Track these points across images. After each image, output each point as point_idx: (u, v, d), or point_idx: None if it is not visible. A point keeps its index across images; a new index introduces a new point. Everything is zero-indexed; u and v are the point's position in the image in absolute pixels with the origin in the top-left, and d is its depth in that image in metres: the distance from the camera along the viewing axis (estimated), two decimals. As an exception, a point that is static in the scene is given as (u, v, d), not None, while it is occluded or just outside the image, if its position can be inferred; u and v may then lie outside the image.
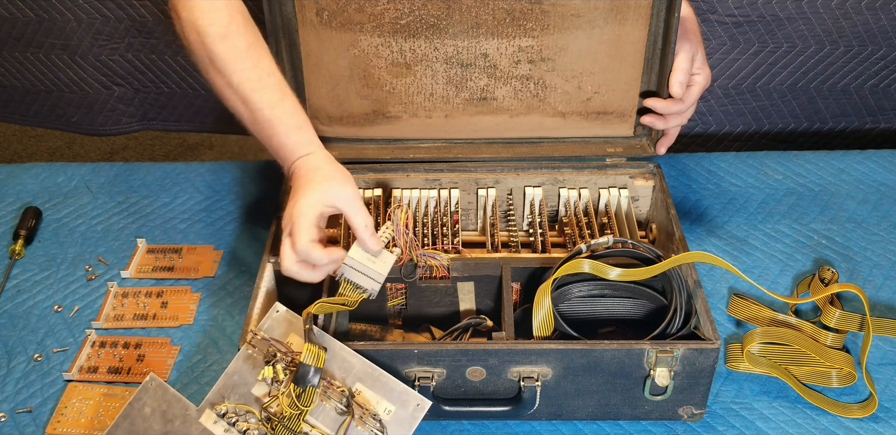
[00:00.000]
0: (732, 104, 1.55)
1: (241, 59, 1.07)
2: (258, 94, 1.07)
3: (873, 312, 1.18)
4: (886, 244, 1.29)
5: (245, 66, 1.07)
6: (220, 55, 1.06)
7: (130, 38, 1.51)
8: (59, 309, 1.22)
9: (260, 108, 1.07)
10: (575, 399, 1.03)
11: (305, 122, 1.09)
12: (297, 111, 1.09)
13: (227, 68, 1.06)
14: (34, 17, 1.49)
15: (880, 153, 1.46)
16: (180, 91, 1.58)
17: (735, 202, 1.37)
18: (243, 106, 1.08)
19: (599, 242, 1.10)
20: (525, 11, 1.16)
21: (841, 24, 1.44)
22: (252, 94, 1.07)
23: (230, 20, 1.06)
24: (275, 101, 1.08)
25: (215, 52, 1.06)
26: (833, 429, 1.05)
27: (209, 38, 1.06)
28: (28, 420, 1.08)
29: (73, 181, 1.44)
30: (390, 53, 1.20)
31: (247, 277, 1.26)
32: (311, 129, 1.10)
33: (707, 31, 1.44)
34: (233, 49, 1.06)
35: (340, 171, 1.07)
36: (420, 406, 0.95)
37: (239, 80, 1.06)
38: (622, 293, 1.10)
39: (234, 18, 1.07)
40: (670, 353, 0.97)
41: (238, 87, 1.07)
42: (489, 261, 1.13)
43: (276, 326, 1.01)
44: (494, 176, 1.27)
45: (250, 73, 1.07)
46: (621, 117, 1.26)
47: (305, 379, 0.93)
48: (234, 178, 1.44)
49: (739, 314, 1.18)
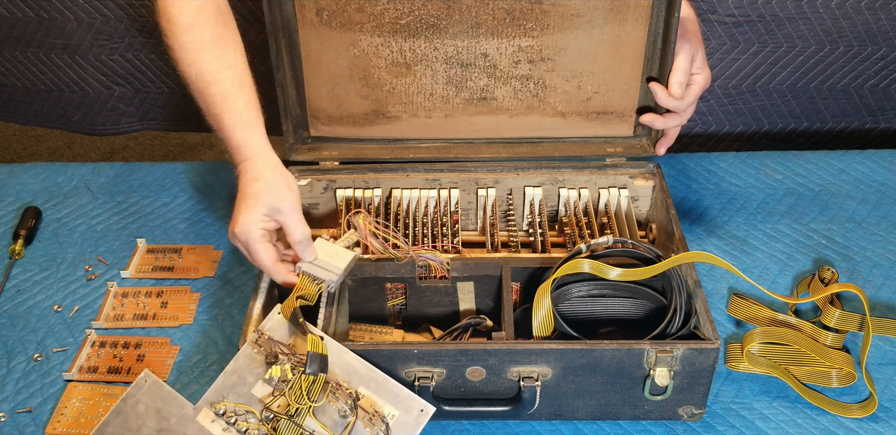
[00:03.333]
0: (732, 104, 1.55)
1: (205, 51, 1.06)
2: (213, 86, 1.06)
3: (873, 312, 1.18)
4: (886, 244, 1.29)
5: (207, 58, 1.06)
6: (185, 45, 1.06)
7: (130, 38, 1.51)
8: (59, 309, 1.22)
9: (213, 102, 1.06)
10: (575, 399, 1.03)
11: (257, 119, 1.08)
12: (250, 108, 1.07)
13: (189, 58, 1.06)
14: (34, 17, 1.49)
15: (880, 153, 1.46)
16: (180, 91, 1.58)
17: (735, 202, 1.37)
18: (199, 97, 1.07)
19: (599, 242, 1.10)
20: (525, 11, 1.16)
21: (841, 24, 1.44)
22: (207, 86, 1.06)
23: (199, 10, 1.06)
24: (229, 94, 1.06)
25: (181, 42, 1.06)
26: (833, 429, 1.05)
27: (176, 26, 1.06)
28: (28, 420, 1.08)
29: (73, 181, 1.44)
30: (390, 53, 1.20)
31: (247, 277, 1.26)
32: (260, 128, 1.08)
33: (707, 31, 1.44)
34: (197, 40, 1.06)
35: (280, 180, 1.06)
36: (424, 412, 0.95)
37: (198, 71, 1.06)
38: (622, 293, 1.10)
39: (203, 8, 1.06)
40: (670, 353, 0.97)
41: (196, 79, 1.06)
42: (489, 261, 1.13)
43: (278, 327, 1.01)
44: (494, 176, 1.27)
45: (210, 65, 1.06)
46: (621, 117, 1.26)
47: (316, 365, 0.94)
48: (234, 178, 1.43)
49: (739, 314, 1.18)
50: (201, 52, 1.06)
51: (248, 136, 1.07)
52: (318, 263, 1.05)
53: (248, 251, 1.04)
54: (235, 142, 1.07)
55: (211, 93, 1.06)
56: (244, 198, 1.05)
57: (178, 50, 1.07)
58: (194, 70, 1.06)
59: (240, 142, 1.07)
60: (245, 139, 1.07)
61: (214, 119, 1.08)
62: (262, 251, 1.03)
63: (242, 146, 1.07)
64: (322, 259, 1.05)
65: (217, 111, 1.07)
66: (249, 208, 1.04)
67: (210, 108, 1.07)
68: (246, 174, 1.06)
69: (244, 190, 1.05)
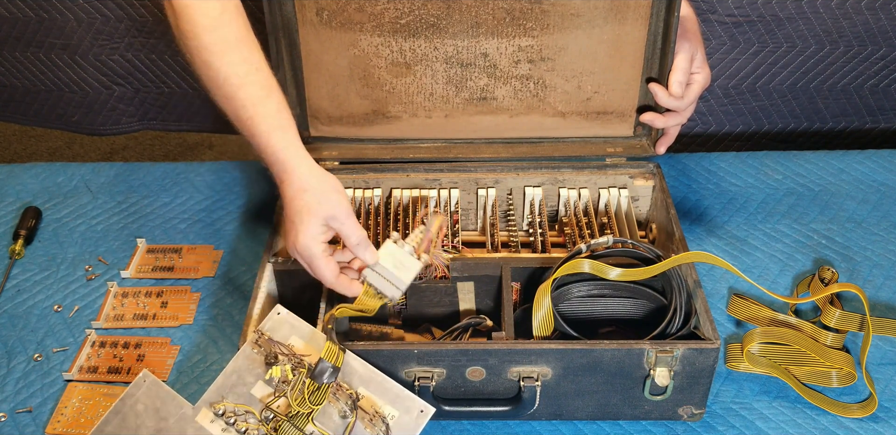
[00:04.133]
0: (732, 104, 1.55)
1: (229, 52, 1.03)
2: (242, 89, 1.04)
3: (873, 312, 1.17)
4: (886, 244, 1.29)
5: (233, 60, 1.03)
6: (209, 47, 1.03)
7: (130, 38, 1.51)
8: (59, 309, 1.22)
9: (243, 105, 1.04)
10: (575, 399, 1.03)
11: (289, 121, 1.06)
12: (282, 110, 1.05)
13: (214, 61, 1.03)
14: (34, 17, 1.49)
15: (880, 153, 1.46)
16: (180, 91, 1.58)
17: (735, 202, 1.37)
18: (227, 102, 1.04)
19: (599, 241, 1.10)
20: (525, 11, 1.16)
21: (841, 24, 1.44)
22: (237, 89, 1.03)
23: (222, 10, 1.03)
24: (259, 97, 1.04)
25: (204, 44, 1.03)
26: (833, 429, 1.05)
27: (199, 27, 1.02)
28: (28, 420, 1.08)
29: (73, 181, 1.44)
30: (390, 53, 1.20)
31: (247, 277, 1.26)
32: (294, 129, 1.06)
33: (707, 31, 1.44)
34: (221, 41, 1.03)
35: (327, 187, 1.04)
36: (424, 412, 0.95)
37: (225, 74, 1.03)
38: (622, 293, 1.10)
39: (226, 9, 1.04)
40: (670, 353, 0.97)
41: (224, 82, 1.03)
42: (489, 261, 1.13)
43: (277, 327, 1.01)
44: (494, 176, 1.27)
45: (237, 67, 1.04)
46: (621, 117, 1.26)
47: (323, 375, 0.94)
48: (234, 178, 1.44)
49: (739, 314, 1.18)
50: (225, 55, 1.03)
51: (283, 139, 1.04)
52: (383, 273, 1.04)
53: (311, 267, 1.03)
54: (272, 146, 1.04)
55: (240, 97, 1.03)
56: (297, 212, 1.02)
57: (201, 52, 1.03)
58: (221, 73, 1.03)
59: (276, 146, 1.04)
60: (281, 142, 1.04)
61: (245, 124, 1.04)
62: (324, 266, 1.02)
63: (279, 150, 1.04)
64: (388, 268, 1.04)
65: (248, 115, 1.04)
66: (306, 223, 1.01)
67: (239, 112, 1.04)
68: (291, 185, 1.03)
69: (294, 203, 1.03)
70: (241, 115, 1.04)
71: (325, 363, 0.94)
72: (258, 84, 1.04)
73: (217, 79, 1.04)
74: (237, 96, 1.03)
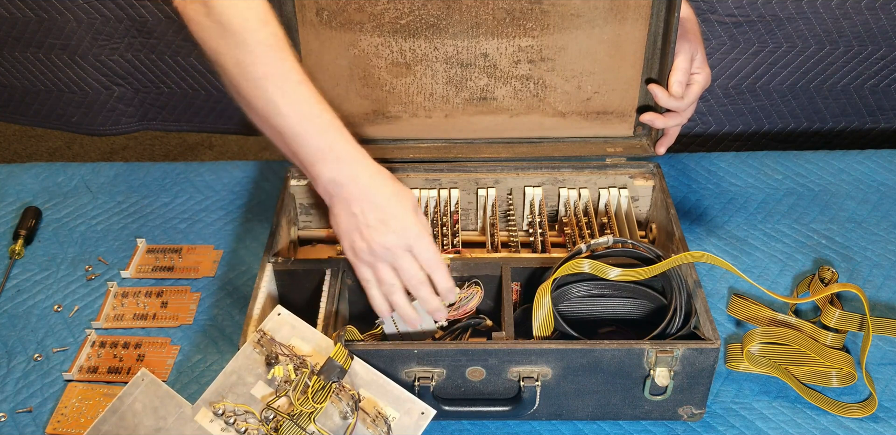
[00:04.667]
0: (732, 104, 1.55)
1: (280, 49, 0.98)
2: (305, 84, 0.99)
3: (873, 311, 1.18)
4: (886, 244, 1.29)
5: (284, 56, 0.98)
6: (263, 42, 0.97)
7: (130, 38, 1.51)
8: (59, 309, 1.22)
9: (309, 101, 0.99)
10: (575, 399, 1.03)
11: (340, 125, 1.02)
12: (334, 117, 1.01)
13: (264, 58, 0.97)
14: (34, 17, 1.49)
15: (880, 153, 1.46)
16: (180, 91, 1.58)
17: (735, 202, 1.37)
18: (282, 99, 0.98)
19: (599, 241, 1.10)
20: (525, 11, 1.16)
21: (841, 24, 1.44)
22: (299, 84, 0.99)
23: (267, 7, 0.99)
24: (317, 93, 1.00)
25: (258, 39, 0.97)
26: (833, 429, 1.05)
27: (249, 22, 0.97)
28: (28, 420, 1.08)
29: (73, 181, 1.44)
30: (390, 53, 1.20)
31: (247, 277, 1.26)
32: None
33: (707, 31, 1.44)
34: (272, 37, 0.98)
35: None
36: (424, 414, 0.95)
37: (285, 68, 0.98)
38: (622, 293, 1.10)
39: (267, 5, 1.00)
40: (670, 353, 0.97)
41: (276, 79, 0.98)
42: (489, 261, 1.13)
43: (278, 328, 1.01)
44: (494, 176, 1.27)
45: (294, 63, 0.99)
46: (621, 117, 1.26)
47: (331, 374, 0.94)
48: (233, 178, 1.44)
49: (739, 314, 1.18)
50: (274, 52, 0.98)
51: (341, 135, 1.01)
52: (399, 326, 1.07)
53: (421, 246, 0.99)
54: (346, 133, 1.00)
55: (305, 90, 0.99)
56: (396, 193, 1.00)
57: (250, 50, 0.97)
58: (271, 70, 0.97)
59: (347, 133, 1.00)
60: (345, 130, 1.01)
61: (307, 115, 0.99)
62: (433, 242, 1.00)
63: (351, 139, 1.01)
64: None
65: (323, 107, 1.00)
66: (412, 199, 1.01)
67: (303, 107, 0.99)
68: (368, 167, 1.01)
69: (388, 182, 1.01)
70: (306, 111, 0.99)
71: (333, 362, 0.95)
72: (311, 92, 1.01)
73: (266, 77, 0.98)
74: (300, 90, 0.99)
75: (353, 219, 1.00)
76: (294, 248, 1.27)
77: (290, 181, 1.26)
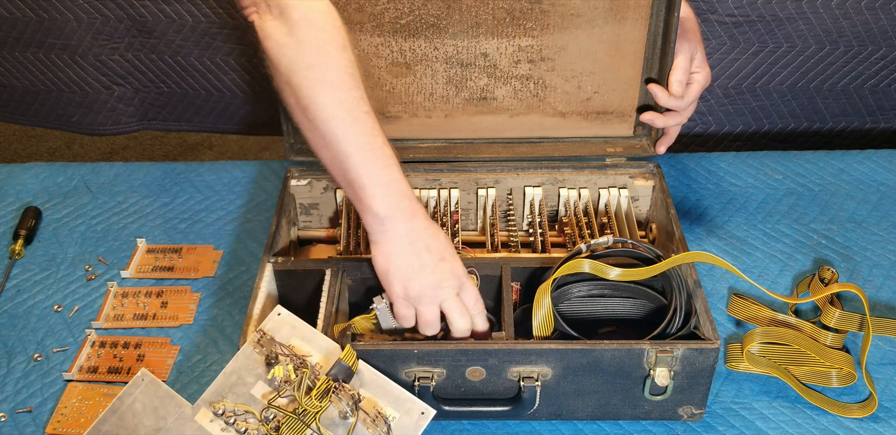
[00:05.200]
0: (732, 104, 1.55)
1: (354, 77, 0.97)
2: (371, 115, 0.98)
3: (873, 311, 1.18)
4: (886, 244, 1.29)
5: (358, 85, 0.97)
6: (339, 68, 0.96)
7: (130, 38, 1.51)
8: (59, 309, 1.22)
9: (373, 132, 0.98)
10: (575, 399, 1.03)
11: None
12: (394, 152, 1.00)
13: (339, 84, 0.96)
14: (34, 17, 1.49)
15: (880, 153, 1.46)
16: (180, 91, 1.58)
17: (735, 202, 1.37)
18: (351, 127, 0.96)
19: (599, 241, 1.10)
20: (525, 11, 1.16)
21: (841, 24, 1.44)
22: (367, 114, 0.97)
23: (345, 33, 0.98)
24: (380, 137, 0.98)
25: (336, 65, 0.96)
26: (833, 429, 1.05)
27: (329, 46, 0.96)
28: (28, 420, 1.08)
29: (73, 181, 1.44)
30: (390, 53, 1.20)
31: (247, 277, 1.26)
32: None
33: (707, 31, 1.44)
34: (349, 64, 0.97)
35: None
36: (425, 414, 0.95)
37: (356, 96, 0.97)
38: (622, 293, 1.10)
39: (346, 32, 0.98)
40: (670, 353, 0.97)
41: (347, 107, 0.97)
42: (489, 261, 1.13)
43: (278, 328, 1.01)
44: (494, 176, 1.27)
45: (363, 93, 0.97)
46: (621, 117, 1.26)
47: (343, 374, 0.94)
48: (233, 178, 1.44)
49: (739, 314, 1.18)
50: (354, 78, 0.97)
51: (400, 172, 1.00)
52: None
53: (465, 290, 1.02)
54: (401, 174, 1.00)
55: (370, 122, 0.98)
56: (445, 240, 1.01)
57: (312, 76, 0.96)
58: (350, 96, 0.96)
59: (401, 174, 1.00)
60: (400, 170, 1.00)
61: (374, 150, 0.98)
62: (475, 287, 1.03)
63: (403, 181, 1.00)
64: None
65: (383, 141, 0.99)
66: (450, 242, 1.02)
67: (370, 139, 0.97)
68: (419, 212, 1.01)
69: (437, 231, 1.01)
70: (372, 143, 0.98)
71: (343, 363, 0.95)
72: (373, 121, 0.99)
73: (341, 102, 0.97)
74: (367, 120, 0.98)
75: (411, 258, 0.99)
76: (294, 248, 1.27)
77: (290, 181, 1.26)
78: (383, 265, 1.01)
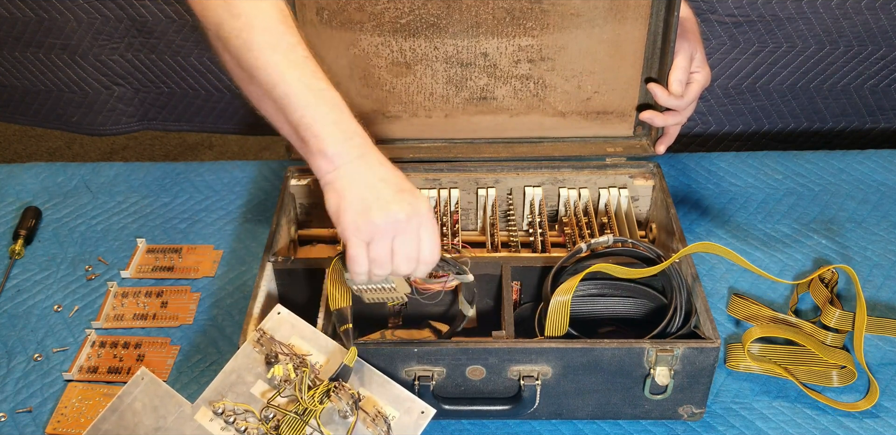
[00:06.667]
0: (732, 104, 1.55)
1: (287, 24, 0.94)
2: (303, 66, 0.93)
3: (873, 312, 1.18)
4: (886, 244, 1.29)
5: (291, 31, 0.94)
6: (269, 15, 0.93)
7: (130, 38, 1.51)
8: (59, 309, 1.22)
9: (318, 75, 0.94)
10: (575, 398, 1.03)
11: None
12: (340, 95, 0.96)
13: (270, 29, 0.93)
14: (34, 17, 1.49)
15: (880, 153, 1.46)
16: (180, 91, 1.58)
17: (735, 202, 1.37)
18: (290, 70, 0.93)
19: (600, 241, 1.10)
20: (525, 11, 1.16)
21: (841, 24, 1.44)
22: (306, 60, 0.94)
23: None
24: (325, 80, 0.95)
25: (264, 11, 0.93)
26: (833, 429, 1.05)
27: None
28: (28, 420, 1.08)
29: (73, 181, 1.44)
30: (390, 53, 1.20)
31: (247, 277, 1.26)
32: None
33: (707, 31, 1.44)
34: (279, 11, 0.94)
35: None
36: (424, 413, 0.95)
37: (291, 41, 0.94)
38: (622, 292, 1.10)
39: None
40: (670, 352, 0.97)
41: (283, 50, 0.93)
42: (489, 260, 1.13)
43: (278, 327, 1.01)
44: (494, 176, 1.27)
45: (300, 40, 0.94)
46: (621, 117, 1.26)
47: (347, 376, 0.94)
48: (234, 178, 1.44)
49: (739, 314, 1.18)
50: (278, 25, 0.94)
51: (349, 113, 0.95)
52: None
53: (429, 230, 0.93)
54: (350, 115, 0.95)
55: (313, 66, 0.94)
56: (401, 177, 0.93)
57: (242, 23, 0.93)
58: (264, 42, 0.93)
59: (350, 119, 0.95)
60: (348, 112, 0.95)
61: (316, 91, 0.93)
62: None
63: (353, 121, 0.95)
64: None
65: (326, 84, 0.94)
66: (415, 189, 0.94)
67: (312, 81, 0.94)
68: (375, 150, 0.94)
69: (391, 169, 0.94)
70: (314, 85, 0.94)
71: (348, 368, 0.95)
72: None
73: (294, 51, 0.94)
74: (306, 64, 0.94)
75: (365, 191, 0.91)
76: (294, 248, 1.27)
77: (290, 181, 1.26)
78: (335, 202, 0.92)
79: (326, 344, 0.99)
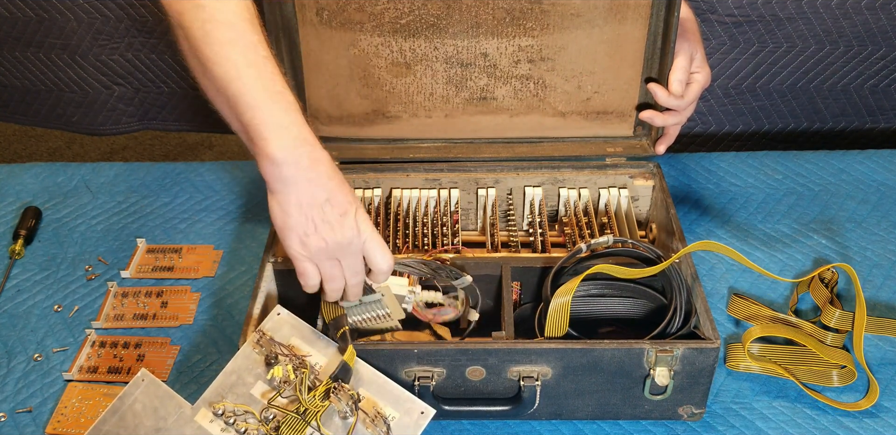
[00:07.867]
0: (732, 104, 1.55)
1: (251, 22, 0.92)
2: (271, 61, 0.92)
3: (873, 311, 1.18)
4: (886, 244, 1.29)
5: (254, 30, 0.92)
6: (233, 11, 0.91)
7: (130, 38, 1.51)
8: (59, 309, 1.22)
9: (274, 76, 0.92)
10: (575, 399, 1.03)
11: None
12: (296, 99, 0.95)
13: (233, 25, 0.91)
14: (34, 17, 1.49)
15: (880, 153, 1.46)
16: (180, 91, 1.58)
17: (735, 202, 1.37)
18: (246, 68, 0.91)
19: (599, 241, 1.10)
20: (525, 11, 1.16)
21: (841, 24, 1.44)
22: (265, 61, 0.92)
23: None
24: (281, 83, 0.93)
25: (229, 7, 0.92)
26: (833, 429, 1.05)
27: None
28: (28, 420, 1.08)
29: (73, 181, 1.44)
30: (390, 53, 1.20)
31: (247, 277, 1.26)
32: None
33: (707, 31, 1.44)
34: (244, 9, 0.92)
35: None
36: (424, 414, 0.95)
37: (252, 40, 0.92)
38: (622, 293, 1.10)
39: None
40: (670, 352, 0.97)
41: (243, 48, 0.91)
42: (489, 261, 1.13)
43: (278, 328, 1.01)
44: (494, 176, 1.27)
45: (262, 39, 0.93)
46: (621, 117, 1.26)
47: (347, 376, 0.95)
48: (234, 178, 1.44)
49: (739, 314, 1.18)
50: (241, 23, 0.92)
51: (302, 117, 0.93)
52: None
53: (375, 243, 0.94)
54: (300, 117, 0.93)
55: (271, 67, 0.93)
56: (350, 193, 0.94)
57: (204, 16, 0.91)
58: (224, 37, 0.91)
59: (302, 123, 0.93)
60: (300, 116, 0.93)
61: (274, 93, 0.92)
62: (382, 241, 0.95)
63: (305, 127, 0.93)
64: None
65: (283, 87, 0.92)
66: (355, 196, 0.95)
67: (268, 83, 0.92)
68: (329, 158, 0.94)
69: (336, 172, 0.94)
70: (270, 86, 0.92)
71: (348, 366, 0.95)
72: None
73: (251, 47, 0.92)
74: (264, 64, 0.92)
75: (312, 211, 0.92)
76: (294, 248, 1.27)
77: (290, 181, 1.25)
78: (280, 218, 0.93)
79: (326, 345, 0.99)
